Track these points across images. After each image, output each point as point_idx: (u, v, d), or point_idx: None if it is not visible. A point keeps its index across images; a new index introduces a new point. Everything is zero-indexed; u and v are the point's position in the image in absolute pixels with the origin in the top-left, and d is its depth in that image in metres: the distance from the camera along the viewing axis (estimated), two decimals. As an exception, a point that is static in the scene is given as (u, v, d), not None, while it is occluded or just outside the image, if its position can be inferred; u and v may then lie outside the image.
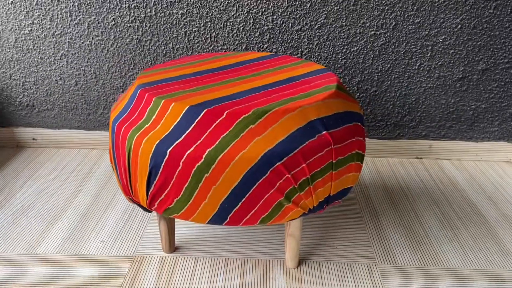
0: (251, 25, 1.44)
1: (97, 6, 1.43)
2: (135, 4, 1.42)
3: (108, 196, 1.34)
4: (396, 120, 1.57)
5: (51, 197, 1.33)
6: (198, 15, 1.43)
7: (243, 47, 1.48)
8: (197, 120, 0.81)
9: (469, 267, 1.07)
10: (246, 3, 1.40)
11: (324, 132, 0.84)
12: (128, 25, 1.46)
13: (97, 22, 1.46)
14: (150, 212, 0.99)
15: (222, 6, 1.41)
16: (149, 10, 1.43)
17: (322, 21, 1.43)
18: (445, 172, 1.52)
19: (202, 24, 1.45)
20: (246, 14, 1.42)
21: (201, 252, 1.10)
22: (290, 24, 1.43)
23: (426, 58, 1.47)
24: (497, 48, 1.44)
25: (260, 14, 1.42)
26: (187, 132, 0.81)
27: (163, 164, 0.81)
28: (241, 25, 1.44)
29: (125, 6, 1.43)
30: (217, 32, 1.46)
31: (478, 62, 1.47)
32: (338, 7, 1.40)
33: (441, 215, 1.27)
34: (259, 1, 1.40)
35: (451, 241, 1.16)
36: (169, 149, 0.80)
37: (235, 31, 1.45)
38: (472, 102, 1.53)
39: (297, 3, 1.40)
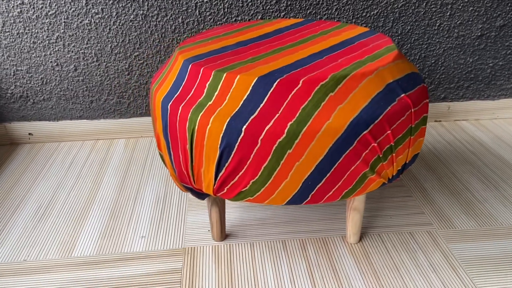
0: (267, -8, 1.34)
1: (96, -20, 1.29)
2: (138, -24, 1.29)
3: (132, 187, 1.23)
4: (415, 84, 1.54)
5: (69, 193, 1.21)
6: (209, -16, 1.32)
7: (259, 17, 1.38)
8: (270, 91, 0.73)
9: (527, 223, 1.06)
10: (260, -32, 1.31)
11: (403, 95, 0.78)
12: (132, -1, 1.32)
13: (96, -2, 1.31)
14: (204, 198, 0.91)
15: (235, -27, 1.31)
16: (154, -19, 1.30)
17: (341, -16, 1.35)
18: (467, 132, 1.51)
19: (213, -6, 1.34)
20: (261, -20, 1.33)
21: (254, 237, 1.03)
22: (308, -11, 1.35)
23: (445, 18, 1.43)
24: (514, 3, 1.43)
25: (276, -21, 1.33)
26: (261, 105, 0.72)
27: (237, 143, 0.72)
28: (256, -8, 1.34)
29: (128, -22, 1.29)
30: (230, 2, 1.35)
31: (496, 19, 1.45)
32: (357, -32, 1.33)
33: (480, 175, 1.25)
34: (274, -34, 1.31)
35: (500, 200, 1.15)
36: (244, 126, 0.71)
37: (249, 0, 1.35)
38: (490, 60, 1.52)
39: (314, -35, 1.31)
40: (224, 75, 0.76)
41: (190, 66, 0.81)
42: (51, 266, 0.96)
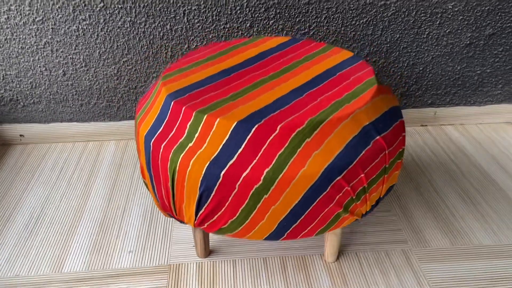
0: (255, 0, 1.33)
1: (82, -13, 1.28)
2: (125, -17, 1.28)
3: (121, 197, 1.27)
4: (403, 90, 1.55)
5: (60, 202, 1.25)
6: (197, -8, 1.31)
7: (248, 25, 1.38)
8: (248, 137, 0.75)
9: (500, 243, 1.10)
10: (249, -24, 1.29)
11: (377, 137, 0.80)
12: (119, 6, 1.31)
13: (83, 4, 1.30)
14: (187, 224, 0.95)
15: (224, -19, 1.30)
16: (142, -11, 1.29)
17: (331, -8, 1.34)
18: (451, 138, 1.54)
19: (202, 2, 1.33)
20: (250, -11, 1.31)
21: (236, 254, 1.08)
22: (297, -2, 1.34)
23: (435, 26, 1.43)
24: (504, 12, 1.42)
25: (264, -12, 1.32)
26: (239, 151, 0.75)
27: (216, 187, 0.75)
28: (245, 0, 1.33)
29: (115, -14, 1.28)
30: (218, 10, 1.34)
31: (485, 27, 1.45)
32: (347, -23, 1.32)
33: (460, 189, 1.29)
34: (263, -26, 1.29)
35: (476, 218, 1.19)
36: (223, 172, 0.74)
37: (238, 7, 1.34)
38: (478, 68, 1.53)
39: (304, -26, 1.30)
40: (205, 117, 0.78)
41: (172, 103, 0.83)
42: (42, 283, 1.00)
